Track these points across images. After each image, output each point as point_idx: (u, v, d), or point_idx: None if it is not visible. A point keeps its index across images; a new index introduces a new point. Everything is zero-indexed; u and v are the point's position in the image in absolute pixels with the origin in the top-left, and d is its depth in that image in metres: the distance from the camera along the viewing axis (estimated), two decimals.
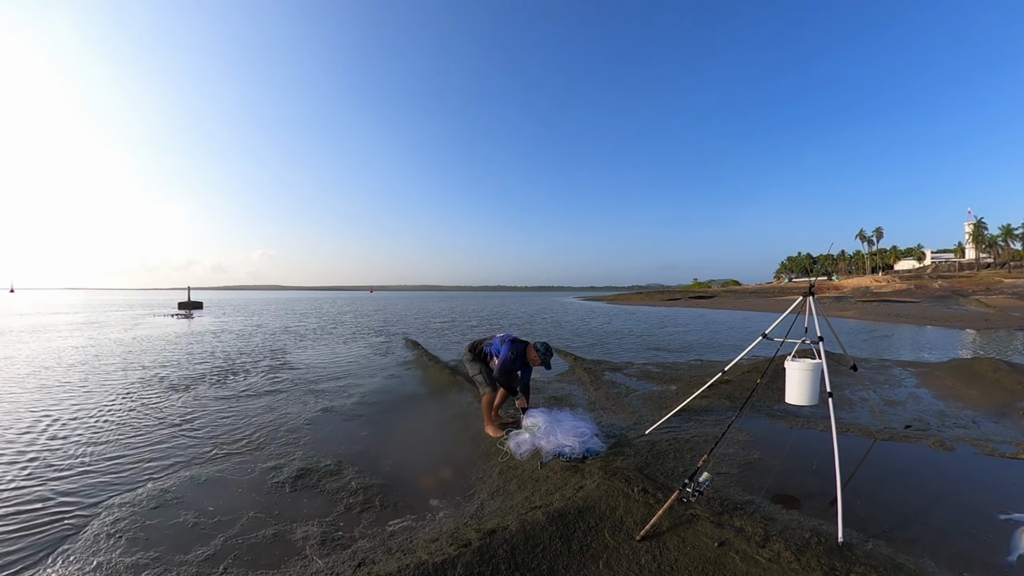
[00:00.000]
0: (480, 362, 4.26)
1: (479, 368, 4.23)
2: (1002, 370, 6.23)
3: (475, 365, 4.26)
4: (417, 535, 2.58)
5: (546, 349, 4.03)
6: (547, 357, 4.01)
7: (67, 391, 6.24)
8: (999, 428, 4.39)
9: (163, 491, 3.19)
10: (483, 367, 4.23)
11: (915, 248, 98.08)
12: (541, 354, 4.00)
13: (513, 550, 2.21)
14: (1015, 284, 44.88)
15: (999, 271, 62.68)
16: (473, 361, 4.29)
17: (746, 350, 3.77)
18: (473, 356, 4.30)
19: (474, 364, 4.27)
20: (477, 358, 4.28)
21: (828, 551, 2.19)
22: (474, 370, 4.27)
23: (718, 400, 5.14)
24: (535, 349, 4.03)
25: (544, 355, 4.00)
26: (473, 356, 4.30)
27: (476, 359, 4.28)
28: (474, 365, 4.27)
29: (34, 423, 4.79)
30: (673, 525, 2.42)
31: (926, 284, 53.80)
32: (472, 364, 4.29)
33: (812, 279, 7.30)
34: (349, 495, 3.15)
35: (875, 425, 4.36)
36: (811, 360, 3.59)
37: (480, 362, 4.26)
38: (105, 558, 2.43)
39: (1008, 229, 76.23)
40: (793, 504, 2.81)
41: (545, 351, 4.02)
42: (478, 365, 4.25)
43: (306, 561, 2.39)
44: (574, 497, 2.67)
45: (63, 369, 7.92)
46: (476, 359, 4.28)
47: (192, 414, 5.18)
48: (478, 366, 4.24)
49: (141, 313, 26.87)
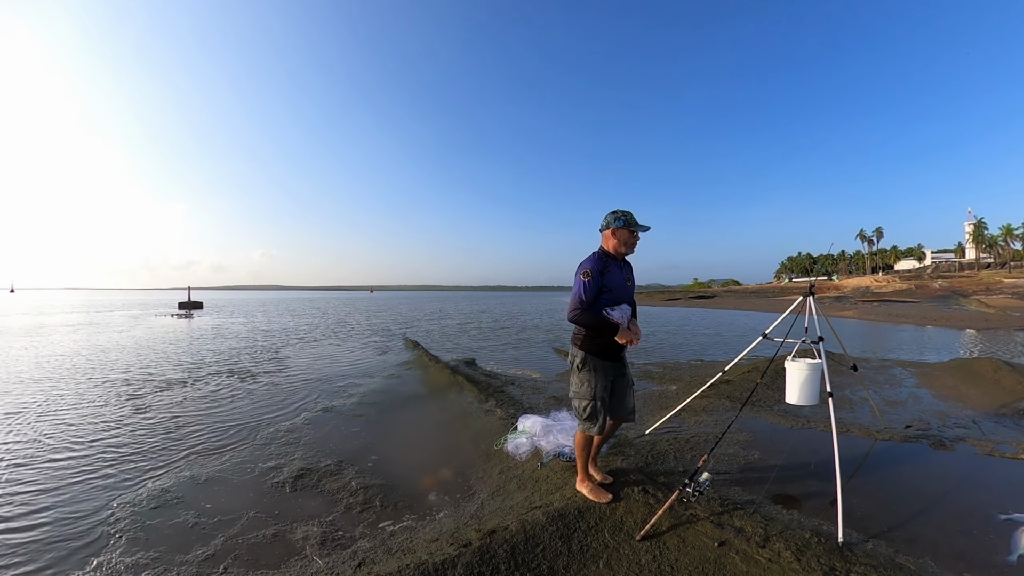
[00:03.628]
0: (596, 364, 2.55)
1: (587, 378, 2.55)
2: (1002, 370, 6.23)
3: (586, 375, 2.55)
4: (417, 535, 2.58)
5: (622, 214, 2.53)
6: (628, 223, 2.52)
7: (66, 391, 6.24)
8: (999, 428, 4.39)
9: (163, 491, 3.19)
10: (591, 372, 2.54)
11: (915, 248, 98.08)
12: (618, 222, 2.51)
13: (513, 550, 2.21)
14: (1015, 284, 44.86)
15: (999, 271, 62.65)
16: (584, 367, 2.56)
17: (746, 350, 3.76)
18: (584, 346, 2.56)
19: (585, 372, 2.56)
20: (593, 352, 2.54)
21: (828, 551, 2.19)
22: (579, 386, 2.58)
23: (718, 400, 5.13)
24: (604, 228, 2.56)
25: (619, 221, 2.52)
26: (584, 346, 2.56)
27: (588, 360, 2.55)
28: (584, 375, 2.56)
29: (34, 423, 4.79)
30: (673, 525, 2.42)
31: (926, 284, 53.78)
32: (582, 373, 2.56)
33: (812, 279, 7.31)
34: (349, 495, 3.14)
35: (875, 425, 4.36)
36: (811, 360, 3.59)
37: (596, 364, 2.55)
38: (105, 558, 2.43)
39: (1008, 229, 76.20)
40: (793, 504, 2.80)
41: (614, 217, 2.54)
42: (588, 374, 2.54)
43: (306, 561, 2.38)
44: (574, 497, 2.67)
45: (63, 369, 7.92)
46: (588, 360, 2.55)
47: (192, 414, 5.18)
48: (587, 375, 2.54)
49: (141, 313, 26.88)
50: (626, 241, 2.56)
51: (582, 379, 2.55)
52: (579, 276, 2.47)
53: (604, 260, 2.53)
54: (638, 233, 2.59)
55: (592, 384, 2.53)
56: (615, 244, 2.55)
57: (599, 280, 2.47)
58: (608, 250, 2.57)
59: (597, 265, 2.48)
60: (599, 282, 2.47)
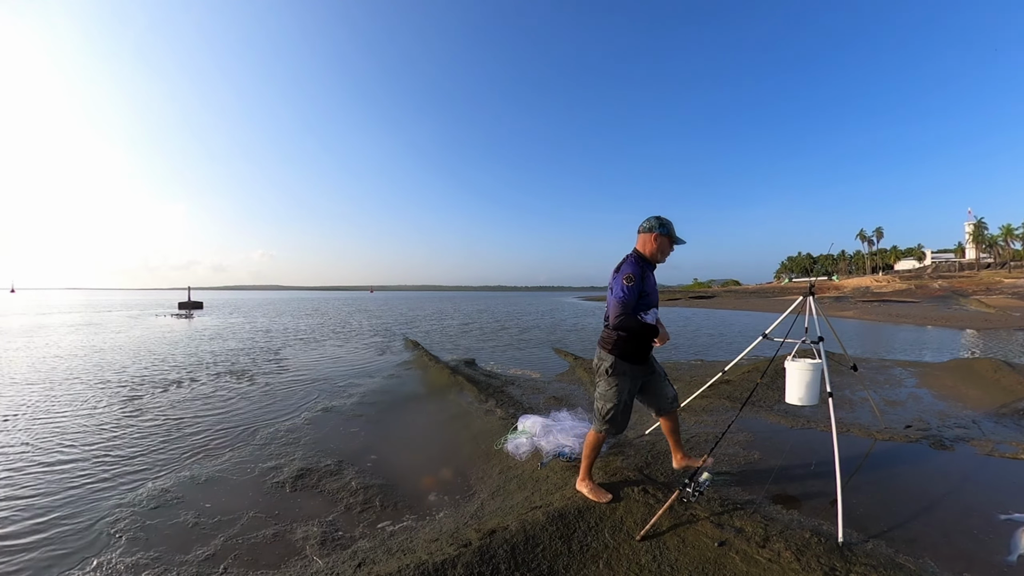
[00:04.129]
0: (628, 369, 2.53)
1: (616, 383, 2.54)
2: (1002, 370, 6.23)
3: (614, 379, 2.53)
4: (417, 535, 2.58)
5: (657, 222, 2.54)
6: (670, 233, 2.55)
7: (66, 391, 6.24)
8: (999, 428, 4.39)
9: (163, 491, 3.19)
10: (621, 377, 2.54)
11: (915, 248, 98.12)
12: (662, 229, 2.52)
13: (513, 550, 2.21)
14: (1015, 284, 44.86)
15: (999, 271, 62.66)
16: (613, 371, 2.52)
17: (746, 350, 3.76)
18: (616, 351, 2.51)
19: (613, 377, 2.53)
20: (622, 355, 2.50)
21: (828, 551, 2.19)
22: (607, 390, 2.56)
23: (718, 400, 5.13)
24: (646, 231, 2.54)
25: (663, 228, 2.53)
26: (616, 351, 2.51)
27: (618, 365, 2.52)
28: (612, 379, 2.53)
29: (33, 423, 4.79)
30: (673, 525, 2.42)
31: (926, 284, 53.78)
32: (611, 378, 2.54)
33: (812, 279, 7.32)
34: (349, 495, 3.15)
35: (875, 425, 4.35)
36: (811, 360, 3.59)
37: (628, 369, 2.53)
38: (105, 558, 2.43)
39: (1008, 229, 76.22)
40: (793, 504, 2.80)
41: (658, 223, 2.54)
42: (617, 379, 2.53)
43: (306, 561, 2.39)
44: (574, 497, 2.67)
45: (61, 370, 7.92)
46: (618, 365, 2.52)
47: (192, 414, 5.18)
48: (616, 379, 2.52)
49: (141, 313, 26.87)
50: (664, 249, 2.58)
51: (611, 383, 2.54)
52: (622, 280, 2.43)
53: (643, 265, 2.54)
54: (674, 245, 2.64)
55: (620, 389, 2.53)
56: (653, 249, 2.55)
57: (640, 285, 2.47)
58: (644, 254, 2.57)
59: (639, 270, 2.48)
60: (640, 287, 2.47)
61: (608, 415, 2.57)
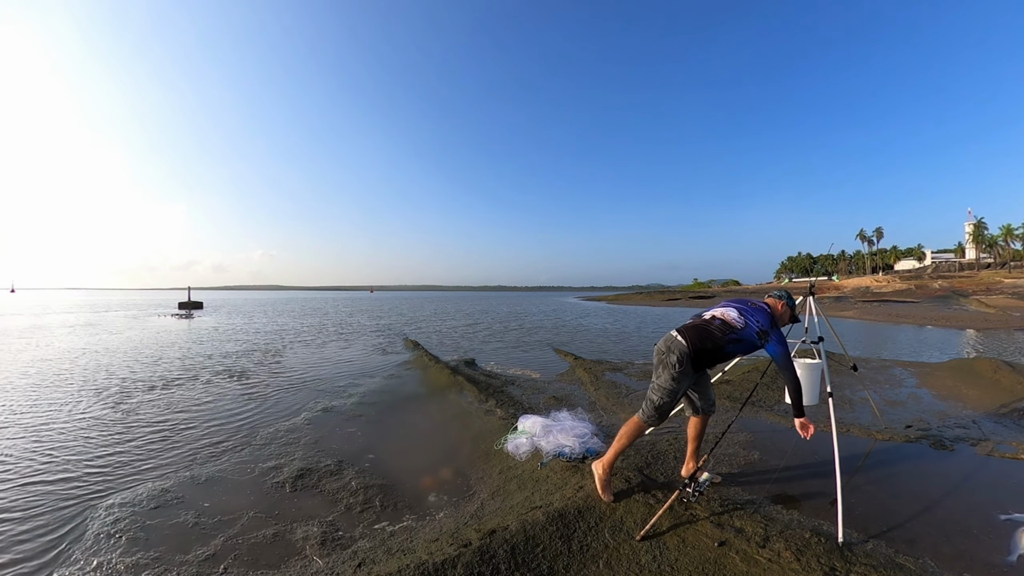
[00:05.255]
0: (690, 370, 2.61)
1: (679, 378, 2.60)
2: (1002, 370, 6.23)
3: (679, 375, 2.59)
4: (417, 535, 2.58)
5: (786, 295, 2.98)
6: (793, 307, 2.96)
7: (65, 391, 6.24)
8: (999, 428, 4.39)
9: (163, 491, 3.19)
10: (685, 375, 2.60)
11: (915, 248, 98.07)
12: (793, 304, 2.95)
13: (513, 550, 2.21)
14: (1015, 284, 44.85)
15: (999, 271, 62.64)
16: (680, 365, 2.58)
17: None
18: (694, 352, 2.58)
19: (679, 372, 2.59)
20: (696, 358, 2.59)
21: (828, 551, 2.19)
22: (669, 384, 2.61)
23: (718, 400, 5.13)
24: (778, 298, 2.94)
25: (793, 305, 2.96)
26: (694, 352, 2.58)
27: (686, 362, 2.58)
28: (678, 374, 2.59)
29: (32, 422, 4.79)
30: (673, 525, 2.42)
31: (926, 284, 53.76)
32: (677, 371, 2.59)
33: (812, 279, 7.32)
34: (349, 495, 3.15)
35: (875, 425, 4.36)
36: (811, 360, 3.58)
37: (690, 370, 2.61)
38: (105, 558, 2.43)
39: (1008, 229, 76.18)
40: (793, 504, 2.81)
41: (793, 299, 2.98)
42: (684, 375, 2.60)
43: (306, 561, 2.39)
44: (574, 497, 2.67)
45: (62, 368, 7.92)
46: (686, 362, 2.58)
47: (192, 414, 5.18)
48: (680, 375, 2.59)
49: (140, 313, 26.87)
50: (788, 319, 2.94)
51: (674, 377, 2.62)
52: (782, 331, 2.79)
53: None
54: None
55: (680, 384, 2.63)
56: (781, 315, 2.89)
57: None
58: (776, 314, 2.87)
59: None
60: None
61: (661, 406, 2.66)
